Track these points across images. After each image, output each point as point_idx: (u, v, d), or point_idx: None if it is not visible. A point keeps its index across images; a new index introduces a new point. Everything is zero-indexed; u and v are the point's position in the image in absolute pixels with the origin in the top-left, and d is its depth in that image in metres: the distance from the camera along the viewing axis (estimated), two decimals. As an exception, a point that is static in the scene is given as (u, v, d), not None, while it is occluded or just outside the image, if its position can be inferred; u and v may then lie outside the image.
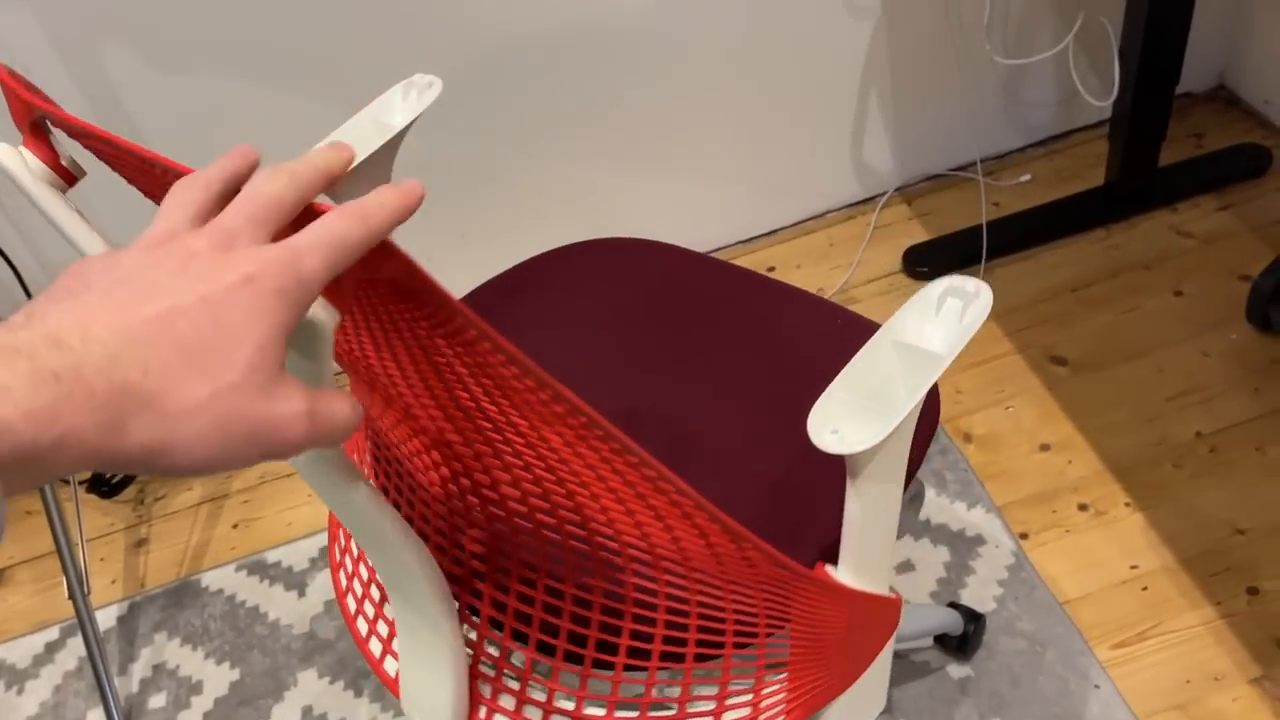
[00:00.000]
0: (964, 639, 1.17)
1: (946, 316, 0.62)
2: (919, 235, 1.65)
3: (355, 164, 0.57)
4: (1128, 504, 1.28)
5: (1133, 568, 1.23)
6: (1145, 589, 1.21)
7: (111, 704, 1.28)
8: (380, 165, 0.84)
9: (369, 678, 1.29)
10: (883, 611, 0.73)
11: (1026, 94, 1.66)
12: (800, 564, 0.62)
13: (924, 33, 1.53)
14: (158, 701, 1.32)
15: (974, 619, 1.17)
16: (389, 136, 0.82)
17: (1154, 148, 1.55)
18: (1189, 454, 1.31)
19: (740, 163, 1.60)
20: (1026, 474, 1.34)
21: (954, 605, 1.19)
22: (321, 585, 1.40)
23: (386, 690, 1.27)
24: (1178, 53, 1.43)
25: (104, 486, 1.57)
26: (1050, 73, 1.64)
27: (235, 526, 1.50)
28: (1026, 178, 1.69)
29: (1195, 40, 1.49)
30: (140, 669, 1.36)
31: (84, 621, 1.29)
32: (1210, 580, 1.20)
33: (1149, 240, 1.56)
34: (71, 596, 1.27)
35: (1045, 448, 1.36)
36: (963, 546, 1.28)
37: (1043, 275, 1.55)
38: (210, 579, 1.44)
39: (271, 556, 1.45)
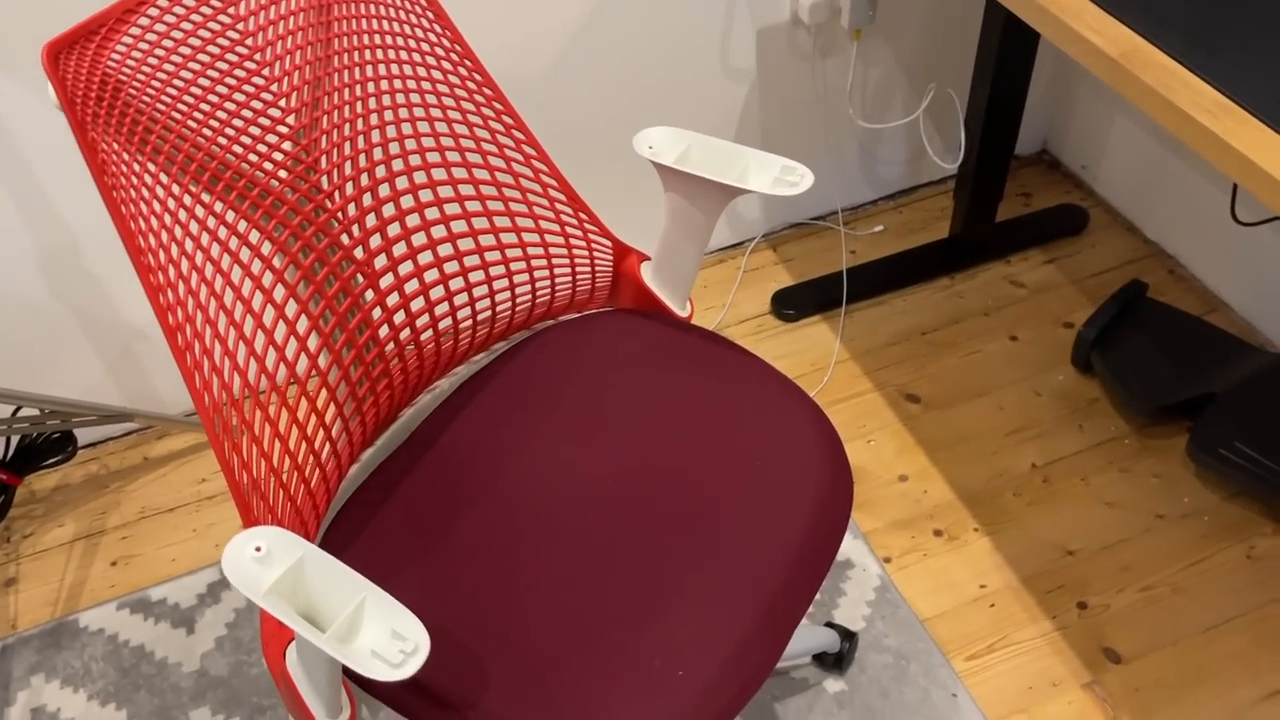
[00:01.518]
0: (840, 656, 1.28)
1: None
2: (784, 279, 1.78)
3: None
4: (976, 529, 1.43)
5: (981, 587, 1.37)
6: (993, 605, 1.35)
7: (-10, 751, 1.24)
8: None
9: (265, 713, 1.30)
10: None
11: (881, 152, 1.81)
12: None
13: (793, 96, 1.66)
14: (38, 747, 1.29)
15: (848, 637, 1.28)
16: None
17: (992, 205, 1.72)
18: (1026, 484, 1.47)
19: (626, 208, 1.69)
20: (888, 502, 1.47)
21: (830, 625, 1.30)
22: (211, 621, 1.39)
23: (286, 725, 1.29)
24: (1015, 121, 1.61)
25: (-35, 524, 1.51)
26: (903, 135, 1.80)
27: (114, 564, 1.47)
28: (880, 228, 1.85)
29: (1024, 109, 1.67)
30: (17, 713, 1.32)
31: (-39, 667, 1.24)
32: (1046, 596, 1.36)
33: (987, 289, 1.73)
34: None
35: (904, 478, 1.50)
36: (835, 570, 1.40)
37: (896, 320, 1.70)
38: (89, 618, 1.41)
39: (156, 594, 1.43)
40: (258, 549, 0.70)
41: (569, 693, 0.79)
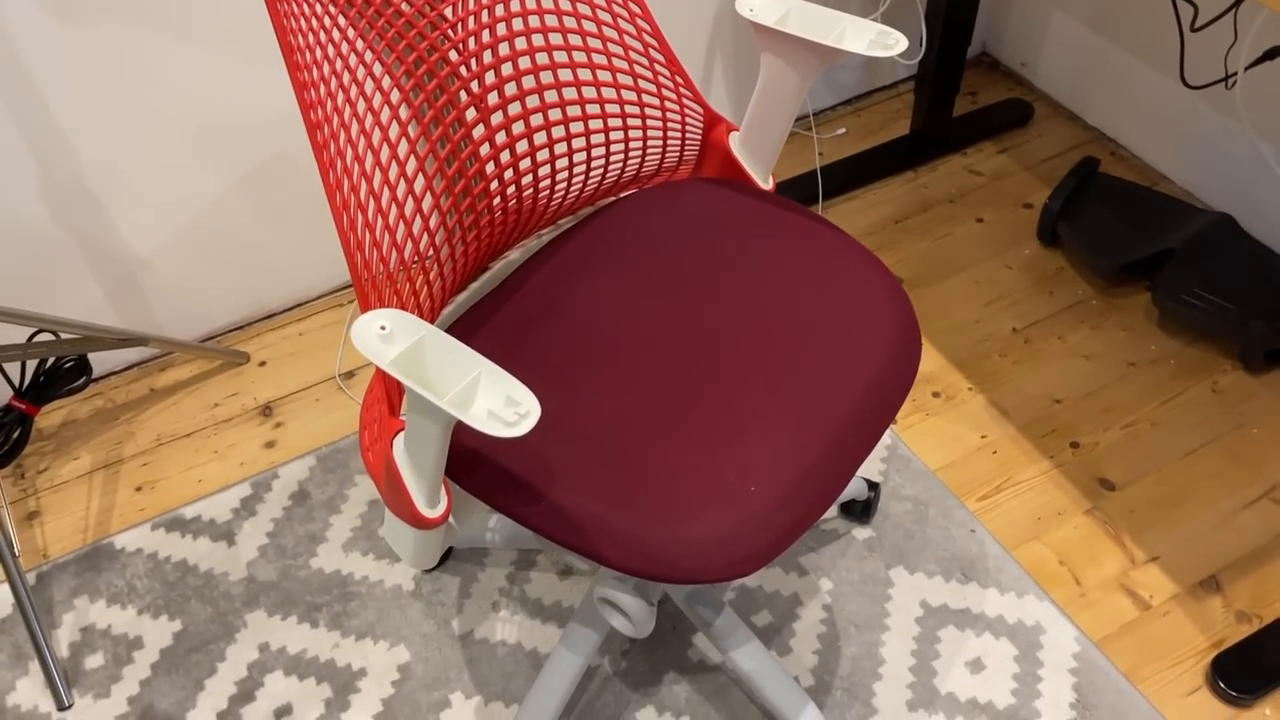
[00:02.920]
0: (866, 504, 1.37)
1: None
2: (760, 182, 1.86)
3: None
4: (970, 389, 1.54)
5: (983, 437, 1.48)
6: (995, 453, 1.46)
7: (52, 667, 1.24)
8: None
9: (323, 609, 1.33)
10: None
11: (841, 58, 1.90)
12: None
13: (761, 0, 1.74)
14: (95, 661, 1.29)
15: (873, 487, 1.38)
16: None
17: (950, 101, 1.83)
18: (1009, 345, 1.59)
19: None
20: (886, 372, 1.57)
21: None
22: (250, 532, 1.41)
23: (344, 617, 1.32)
24: (971, 18, 1.72)
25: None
26: (859, 38, 1.89)
27: (139, 489, 1.47)
28: (842, 130, 1.94)
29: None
30: (66, 634, 1.32)
31: (15, 583, 1.24)
32: (1042, 440, 1.47)
33: (949, 179, 1.85)
34: None
35: (897, 350, 1.60)
36: (846, 434, 1.49)
37: (869, 211, 1.80)
38: (124, 540, 1.41)
39: (189, 512, 1.44)
40: (382, 327, 0.74)
41: (650, 494, 0.85)
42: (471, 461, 0.88)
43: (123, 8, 1.30)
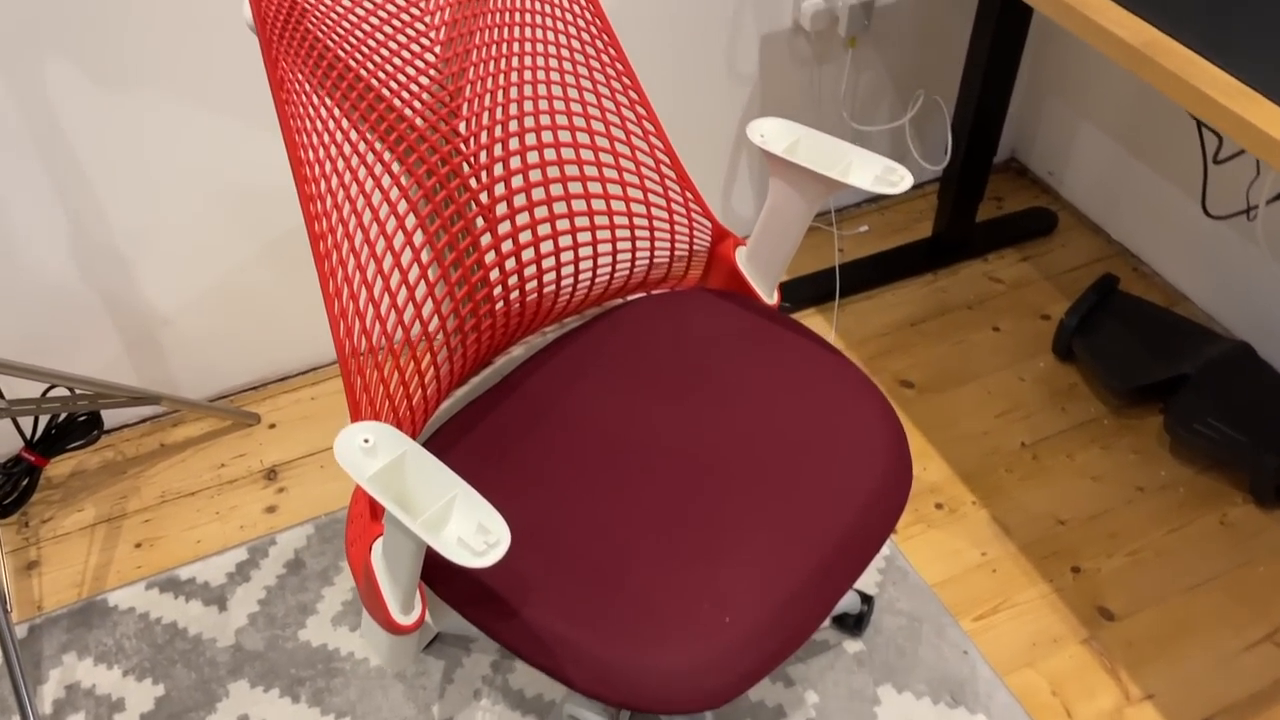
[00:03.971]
0: (859, 618, 1.36)
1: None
2: (779, 275, 1.87)
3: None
4: (974, 502, 1.52)
5: (983, 554, 1.47)
6: (994, 571, 1.45)
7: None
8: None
9: (306, 683, 1.33)
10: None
11: (866, 156, 1.92)
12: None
13: (791, 99, 1.76)
14: (76, 721, 1.30)
15: (866, 600, 1.36)
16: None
17: (973, 205, 1.84)
18: (1017, 461, 1.58)
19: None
20: (890, 479, 1.56)
21: (848, 589, 1.38)
22: (243, 598, 1.42)
23: (326, 694, 1.32)
24: (998, 126, 1.73)
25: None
26: (888, 140, 1.91)
27: (138, 546, 1.48)
28: (865, 228, 1.95)
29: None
30: (51, 690, 1.32)
31: (4, 637, 1.25)
32: (1043, 561, 1.45)
33: (969, 284, 1.84)
34: (-9, 614, 1.24)
35: (903, 457, 1.59)
36: (845, 541, 1.48)
37: (886, 311, 1.80)
38: (118, 598, 1.42)
39: (184, 573, 1.45)
40: (366, 440, 0.75)
41: (623, 617, 0.85)
42: (447, 570, 0.88)
43: (159, 77, 1.34)
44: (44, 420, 1.44)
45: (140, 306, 1.52)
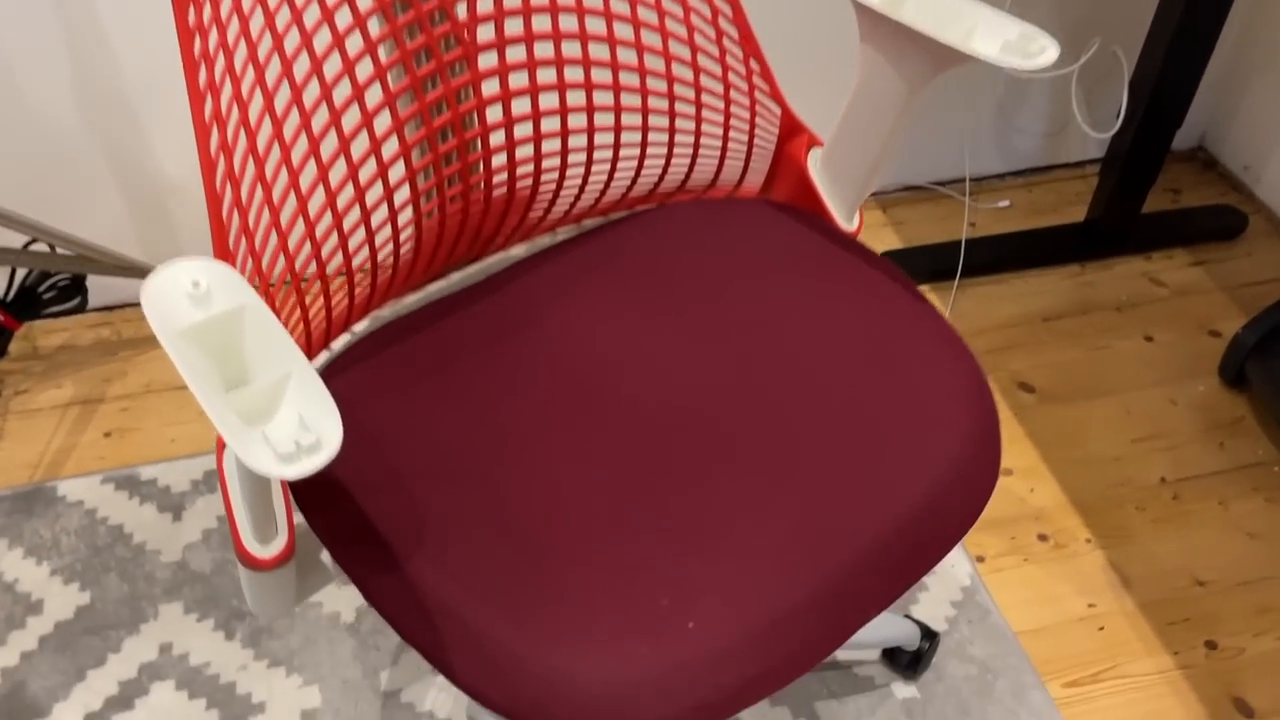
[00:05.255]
0: (917, 657, 1.08)
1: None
2: (892, 242, 1.58)
3: None
4: (1088, 540, 1.22)
5: (1090, 606, 1.16)
6: (1102, 629, 1.14)
7: (-71, 611, 1.08)
8: None
9: (245, 619, 1.13)
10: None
11: (1021, 119, 1.61)
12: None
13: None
14: (-14, 617, 1.13)
15: (929, 636, 1.08)
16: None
17: (1142, 191, 1.51)
18: (1152, 498, 1.26)
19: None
20: (987, 496, 1.26)
21: (908, 619, 1.10)
22: (202, 510, 1.23)
23: (265, 636, 1.11)
24: (1186, 95, 1.40)
25: (-44, 369, 1.36)
26: (1049, 99, 1.59)
27: (108, 435, 1.31)
28: (1005, 203, 1.64)
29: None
30: (-30, 577, 1.16)
31: (-88, 510, 1.09)
32: (1169, 629, 1.14)
33: (1122, 283, 1.52)
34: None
35: (1007, 472, 1.29)
36: (917, 561, 1.20)
37: (1015, 300, 1.50)
38: (69, 488, 1.25)
39: (146, 473, 1.27)
40: (196, 284, 0.52)
41: (535, 601, 0.60)
42: (330, 495, 0.65)
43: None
44: (20, 277, 1.28)
45: (149, 169, 1.34)
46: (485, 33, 0.72)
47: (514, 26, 0.73)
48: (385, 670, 1.09)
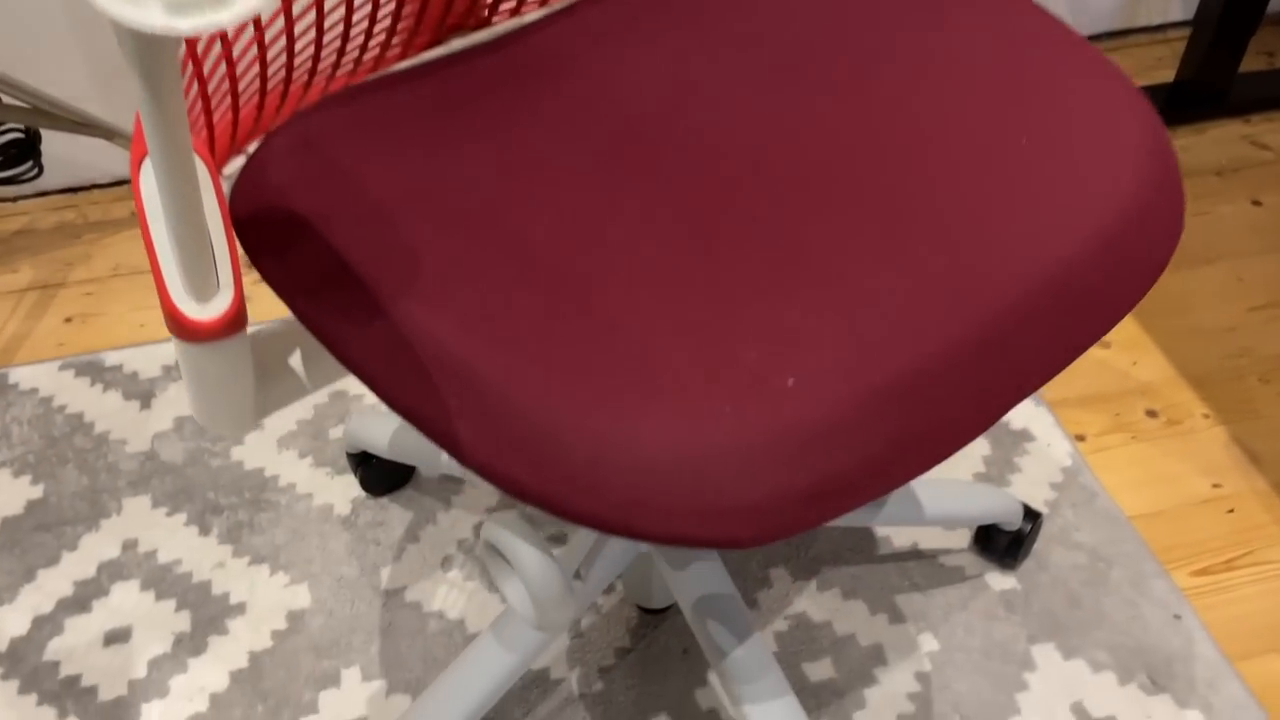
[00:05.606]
0: (1016, 540, 0.90)
1: None
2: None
3: None
4: (1206, 415, 1.04)
5: (1215, 486, 0.99)
6: (1231, 511, 0.97)
7: None
8: None
9: (223, 513, 0.96)
10: None
11: (1097, -31, 1.43)
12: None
13: None
14: (-79, 513, 0.97)
15: (1030, 516, 0.91)
16: None
17: (1239, 48, 1.33)
18: (1276, 370, 1.08)
19: None
20: (1082, 370, 1.09)
21: (1005, 499, 0.92)
22: (175, 398, 1.06)
23: (246, 530, 0.95)
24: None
25: (-100, 253, 1.20)
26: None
27: (69, 320, 1.15)
28: (1080, 69, 1.46)
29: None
30: (-96, 471, 1.00)
31: None
32: (1310, 510, 0.97)
33: (1221, 147, 1.34)
34: None
35: (1104, 345, 1.11)
36: (1006, 440, 1.02)
37: (1098, 168, 1.32)
38: (22, 375, 1.09)
39: (111, 358, 1.10)
40: None
41: (586, 353, 0.43)
42: (290, 234, 0.48)
43: None
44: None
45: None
46: None
47: None
48: (386, 567, 0.93)
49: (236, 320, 0.47)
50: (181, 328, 0.47)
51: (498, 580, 0.54)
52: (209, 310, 0.47)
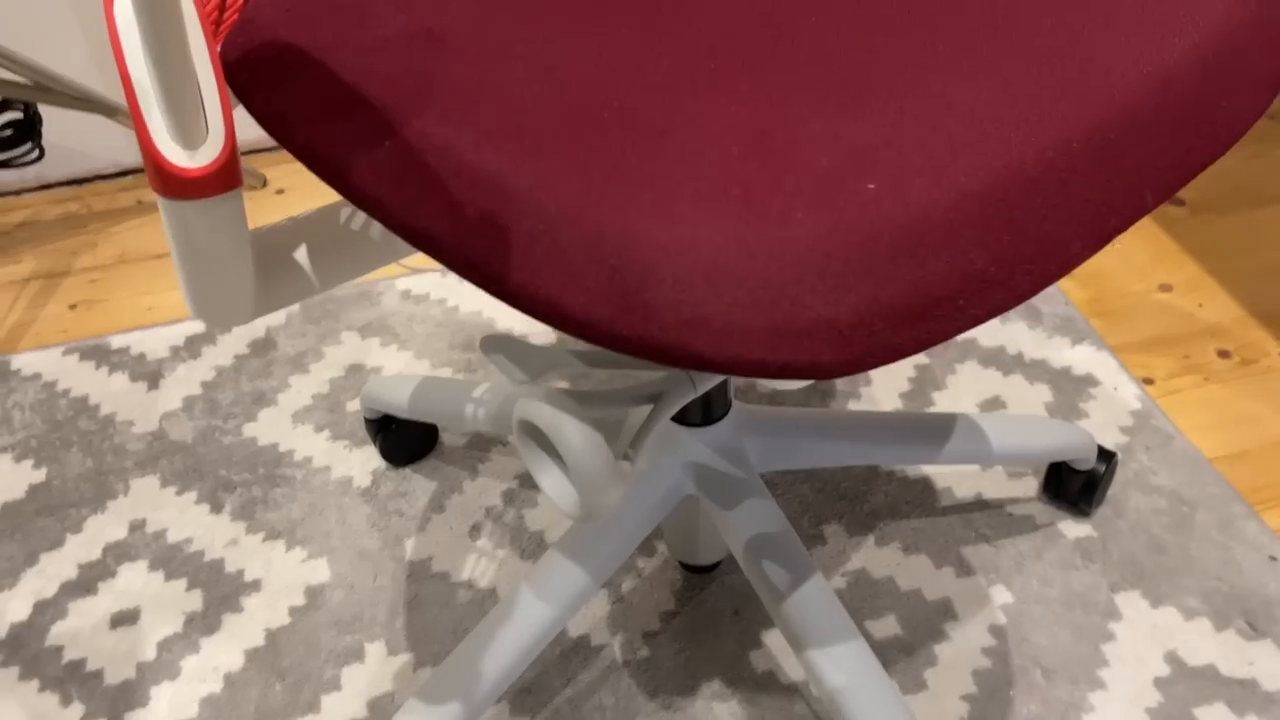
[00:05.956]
0: (1090, 481, 0.83)
1: None
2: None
3: None
4: (1282, 354, 0.97)
5: (1299, 424, 0.91)
6: (1320, 449, 0.89)
7: None
8: None
9: (236, 490, 0.90)
10: None
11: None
12: None
13: None
14: (-83, 501, 0.91)
15: (1105, 456, 0.84)
16: None
17: (1282, -18, 1.27)
18: (1353, 305, 1.01)
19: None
20: (1145, 314, 1.02)
21: (1074, 440, 0.85)
22: (184, 377, 1.01)
23: (260, 506, 0.89)
24: None
25: (-101, 248, 1.16)
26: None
27: (73, 307, 1.10)
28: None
29: None
30: (-99, 461, 0.95)
31: None
32: (1406, 444, 0.89)
33: None
34: None
35: (1166, 288, 1.05)
36: (1069, 386, 0.95)
37: (1142, 117, 1.26)
38: (24, 361, 1.04)
39: (117, 341, 1.05)
40: None
41: (632, 161, 0.37)
42: (286, 66, 0.43)
43: None
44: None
45: None
46: None
47: None
48: (410, 538, 0.86)
49: (228, 171, 0.42)
50: (167, 180, 0.41)
51: (533, 468, 0.48)
52: (197, 159, 0.41)
